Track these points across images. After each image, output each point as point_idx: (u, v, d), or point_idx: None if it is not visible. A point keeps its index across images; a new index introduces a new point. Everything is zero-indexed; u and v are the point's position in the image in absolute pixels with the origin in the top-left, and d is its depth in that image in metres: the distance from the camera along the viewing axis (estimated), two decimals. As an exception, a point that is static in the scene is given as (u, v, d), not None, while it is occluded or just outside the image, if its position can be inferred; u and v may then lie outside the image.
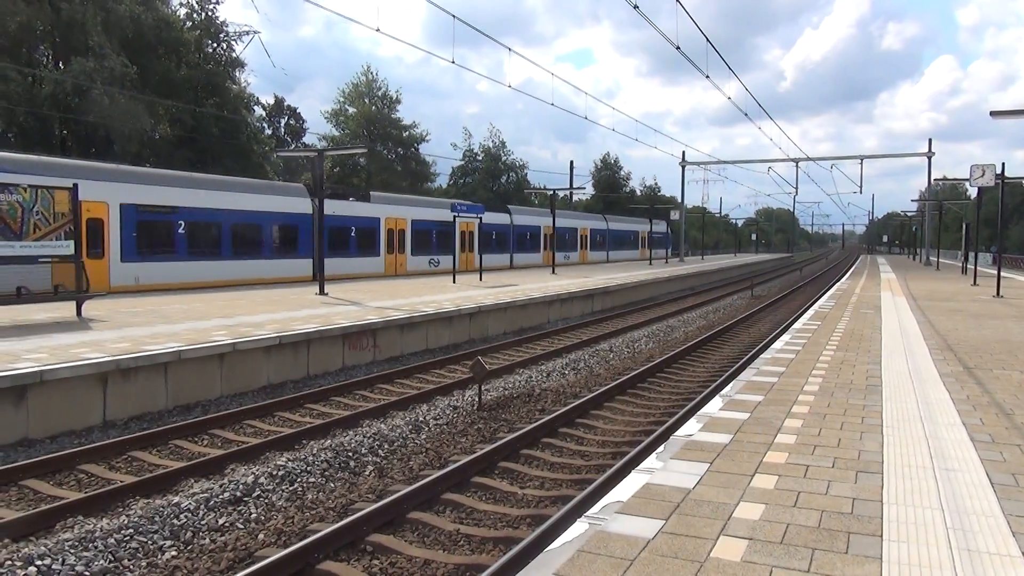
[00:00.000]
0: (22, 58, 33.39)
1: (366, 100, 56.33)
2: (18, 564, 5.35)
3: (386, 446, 8.52)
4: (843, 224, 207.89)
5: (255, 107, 47.06)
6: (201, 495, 6.74)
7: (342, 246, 27.28)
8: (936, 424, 6.33)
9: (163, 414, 9.82)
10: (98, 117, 32.06)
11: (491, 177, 67.78)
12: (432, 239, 31.88)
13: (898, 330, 12.79)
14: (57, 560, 5.46)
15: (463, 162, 68.13)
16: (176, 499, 6.65)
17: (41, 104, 32.10)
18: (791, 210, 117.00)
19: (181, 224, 21.53)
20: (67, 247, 13.00)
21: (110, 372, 9.31)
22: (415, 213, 30.99)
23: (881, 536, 4.00)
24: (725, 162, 55.48)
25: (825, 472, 5.04)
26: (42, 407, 8.64)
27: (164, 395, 10.01)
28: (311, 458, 7.87)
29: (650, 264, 45.86)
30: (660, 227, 56.83)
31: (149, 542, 5.91)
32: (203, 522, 6.31)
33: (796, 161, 48.57)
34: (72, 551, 5.61)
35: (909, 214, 79.70)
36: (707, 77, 26.31)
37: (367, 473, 7.74)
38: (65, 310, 14.06)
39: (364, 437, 8.66)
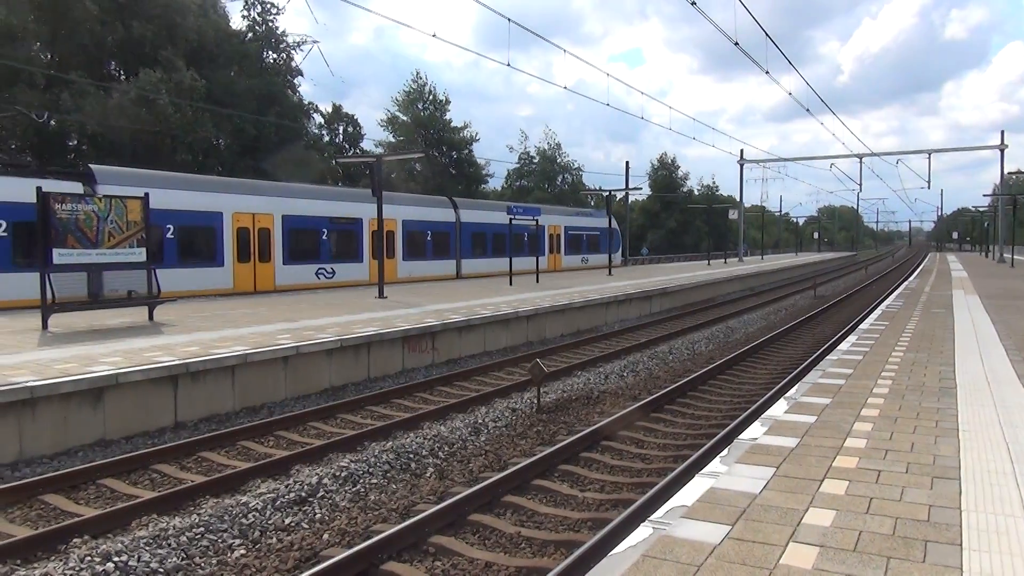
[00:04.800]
0: (96, 73, 34.83)
1: (418, 106, 57.07)
2: (96, 560, 5.55)
3: (446, 448, 8.57)
4: (910, 221, 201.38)
5: (314, 115, 48.07)
6: (268, 495, 6.89)
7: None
8: (1016, 428, 6.05)
9: (230, 416, 10.08)
10: (165, 128, 33.22)
11: (546, 179, 67.85)
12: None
13: (971, 330, 12.30)
14: (133, 557, 5.65)
15: (519, 164, 68.40)
16: (244, 499, 6.81)
17: (111, 116, 33.41)
18: (855, 207, 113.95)
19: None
20: (139, 254, 13.47)
21: (180, 375, 9.60)
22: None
23: (960, 545, 3.84)
24: (785, 159, 54.33)
25: (899, 478, 4.87)
26: (117, 409, 8.96)
27: (231, 397, 10.27)
28: (373, 459, 7.97)
29: (708, 264, 45.16)
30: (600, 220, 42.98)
31: (219, 540, 6.07)
32: (270, 521, 6.45)
33: (859, 157, 47.26)
34: (147, 548, 5.80)
35: (981, 209, 76.79)
36: (767, 73, 25.80)
37: (428, 475, 7.80)
38: (137, 315, 14.57)
39: (424, 439, 8.73)
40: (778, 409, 6.79)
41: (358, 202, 25.29)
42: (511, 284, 24.44)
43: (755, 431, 6.02)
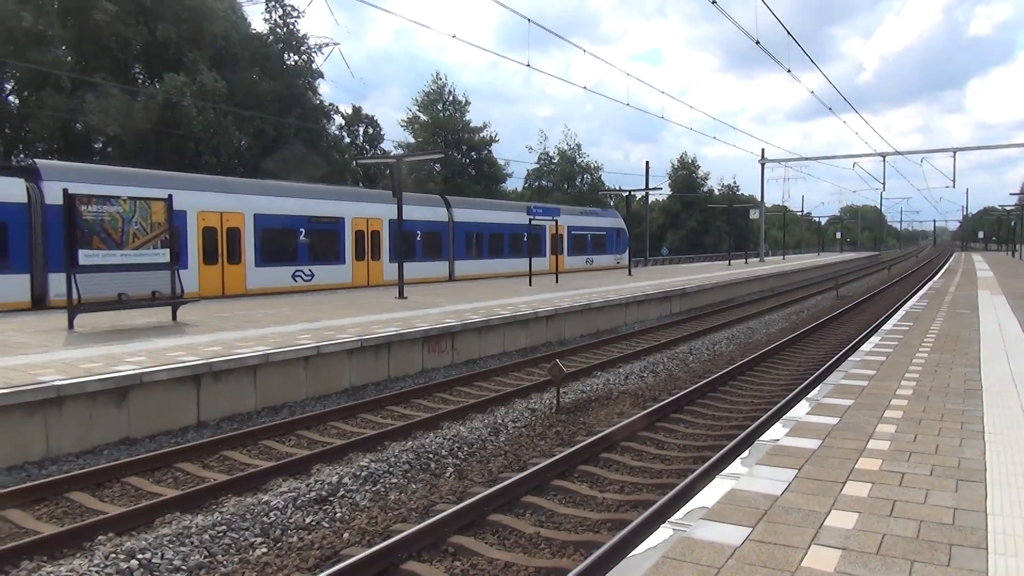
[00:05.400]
0: (121, 76, 35.30)
1: (437, 107, 57.25)
2: (121, 557, 5.62)
3: (465, 448, 8.59)
4: (934, 220, 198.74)
5: (334, 116, 48.33)
6: (289, 494, 6.94)
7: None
8: (1044, 431, 5.96)
9: (252, 415, 10.16)
10: (188, 131, 33.57)
11: (566, 179, 67.77)
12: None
13: (997, 331, 12.12)
14: (156, 554, 5.71)
15: (538, 165, 68.35)
16: (266, 497, 6.87)
17: (136, 119, 33.83)
18: (878, 207, 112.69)
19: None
20: (163, 255, 13.63)
21: (203, 374, 9.69)
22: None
23: (986, 548, 3.79)
24: (807, 158, 53.74)
25: (923, 480, 4.81)
26: (142, 408, 9.07)
27: (253, 397, 10.36)
28: (393, 459, 8.00)
29: (729, 265, 44.88)
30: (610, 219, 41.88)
31: (241, 539, 6.12)
32: (291, 520, 6.50)
33: (883, 155, 46.67)
34: (170, 546, 5.86)
35: (1007, 208, 75.62)
36: (788, 71, 25.60)
37: (447, 475, 7.82)
38: (161, 315, 14.74)
39: (444, 439, 8.76)
40: (800, 410, 6.73)
41: (339, 200, 24.54)
42: (530, 284, 24.42)
43: (777, 432, 5.98)
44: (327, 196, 24.48)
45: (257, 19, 44.26)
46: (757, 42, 21.55)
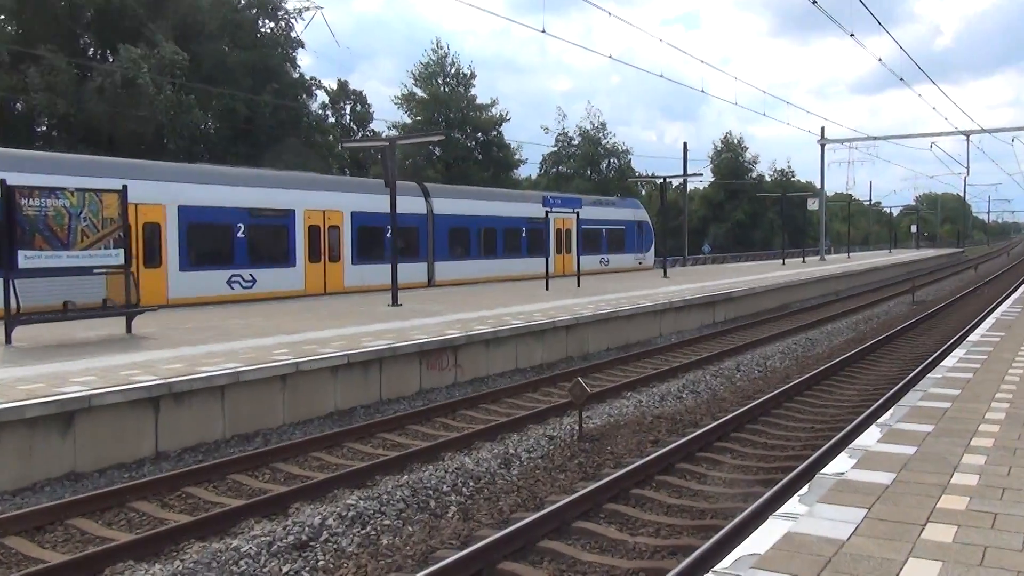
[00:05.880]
0: (69, 48, 35.59)
1: (438, 80, 57.42)
2: (65, 613, 5.61)
3: (471, 483, 8.55)
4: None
5: (316, 92, 48.57)
6: (263, 538, 6.92)
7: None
8: None
9: (220, 444, 10.16)
10: (147, 111, 33.80)
11: (589, 164, 67.74)
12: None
13: (1107, 342, 11.96)
14: (106, 610, 5.69)
15: (556, 147, 68.31)
16: (235, 542, 6.85)
17: (88, 98, 34.08)
18: (961, 195, 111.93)
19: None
20: (116, 256, 13.69)
21: (162, 397, 9.71)
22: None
23: (1098, 606, 3.69)
24: (875, 138, 53.53)
25: (1019, 523, 4.73)
26: (90, 436, 9.09)
27: (221, 423, 10.37)
28: (385, 496, 7.97)
29: (783, 264, 44.71)
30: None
31: (205, 591, 6.10)
32: (265, 570, 6.47)
33: (966, 134, 46.40)
34: (122, 600, 5.85)
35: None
36: (852, 36, 25.49)
37: (450, 515, 7.78)
38: (114, 326, 14.80)
39: (446, 472, 8.73)
40: (869, 438, 6.67)
41: (289, 188, 23.69)
42: (547, 289, 24.39)
43: (841, 464, 5.92)
44: (274, 183, 23.67)
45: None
46: (814, 1, 21.46)
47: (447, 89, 57.41)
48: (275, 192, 23.14)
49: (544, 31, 35.56)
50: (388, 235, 25.43)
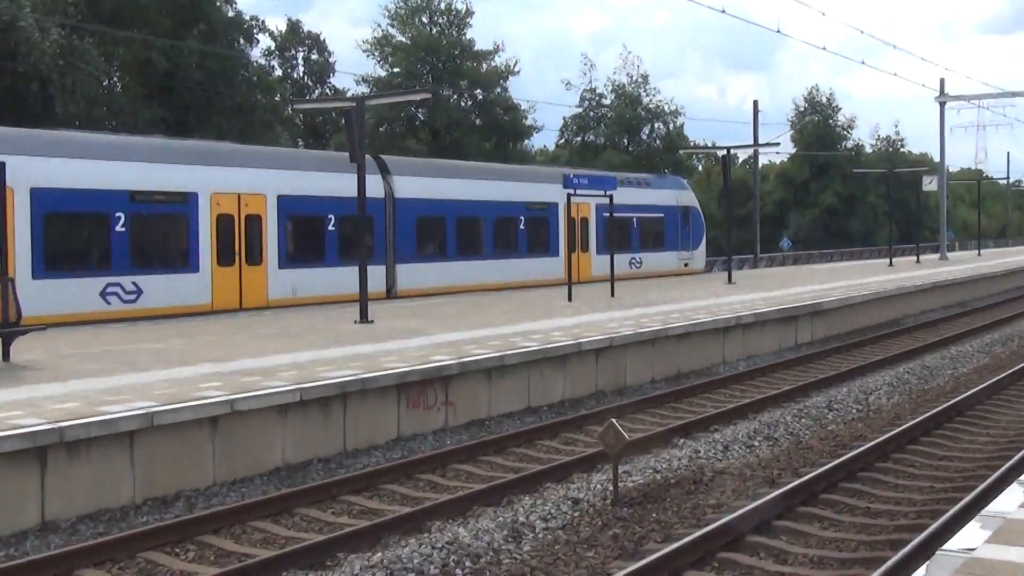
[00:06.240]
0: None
1: (422, 19, 57.38)
2: None
3: (468, 563, 8.49)
4: None
5: (258, 36, 48.58)
6: (180, 640, 6.84)
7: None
8: None
9: (128, 511, 10.08)
10: (31, 67, 33.79)
11: (625, 130, 67.64)
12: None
13: None
14: None
15: (580, 109, 68.26)
16: (143, 646, 6.77)
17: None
18: None
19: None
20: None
21: (51, 446, 9.64)
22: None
23: None
24: (1014, 94, 53.23)
25: None
26: (-51, 501, 9.04)
27: (130, 481, 10.28)
28: (350, 583, 7.92)
29: (890, 265, 44.61)
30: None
31: None
32: None
33: None
34: None
35: None
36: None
37: (436, 608, 7.71)
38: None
39: (433, 548, 8.67)
40: (1010, 502, 6.63)
41: (188, 163, 23.13)
42: (570, 300, 24.33)
43: (972, 537, 5.86)
44: (167, 156, 23.03)
45: None
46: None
47: (435, 31, 57.38)
48: (168, 168, 22.50)
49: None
50: (331, 227, 25.51)
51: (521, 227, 31.41)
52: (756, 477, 11.24)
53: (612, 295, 25.91)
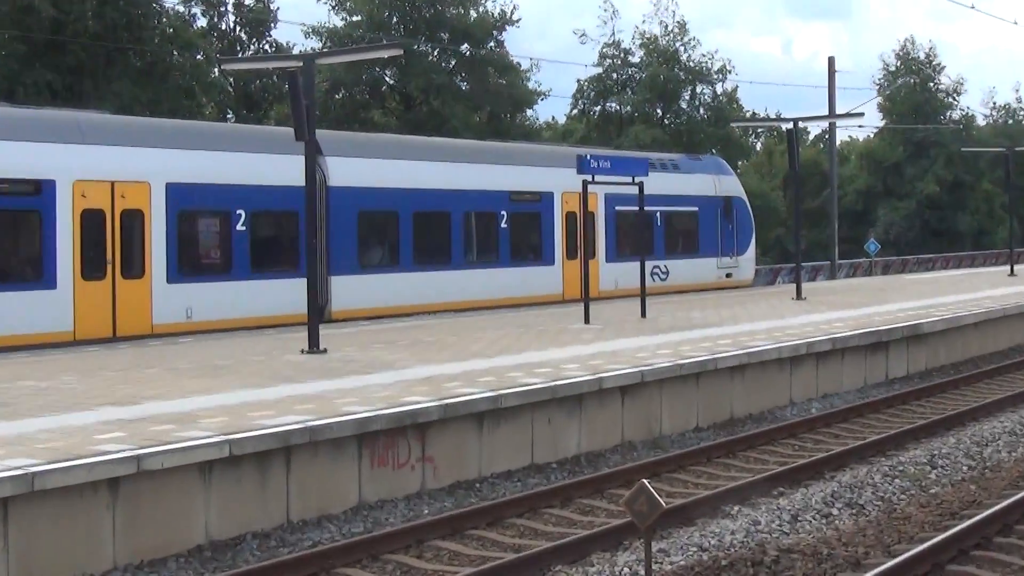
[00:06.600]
0: None
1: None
2: None
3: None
4: None
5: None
6: None
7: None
8: None
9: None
10: None
11: (658, 96, 67.65)
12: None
13: None
14: None
15: (600, 69, 68.35)
16: None
17: None
18: None
19: None
20: None
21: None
22: None
23: None
24: None
25: None
26: None
27: (2, 566, 10.31)
28: None
29: (1011, 274, 44.68)
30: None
31: None
32: None
33: None
34: None
35: None
36: None
37: None
38: None
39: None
40: None
41: (44, 140, 22.87)
42: (587, 322, 24.42)
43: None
44: (16, 133, 22.72)
45: None
46: None
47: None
48: (11, 147, 22.22)
49: None
50: (241, 226, 25.26)
51: (503, 225, 31.20)
52: (835, 558, 11.23)
53: (643, 316, 25.98)
